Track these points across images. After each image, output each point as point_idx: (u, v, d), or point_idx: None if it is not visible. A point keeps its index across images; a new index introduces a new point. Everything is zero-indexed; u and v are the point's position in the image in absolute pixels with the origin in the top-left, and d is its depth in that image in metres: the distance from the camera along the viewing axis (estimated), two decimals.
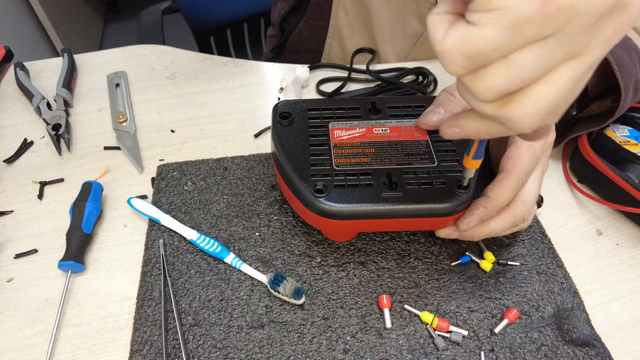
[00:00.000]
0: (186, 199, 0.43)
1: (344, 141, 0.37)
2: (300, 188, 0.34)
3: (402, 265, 0.38)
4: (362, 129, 0.38)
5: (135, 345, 0.34)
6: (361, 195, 0.33)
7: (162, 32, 0.90)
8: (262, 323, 0.35)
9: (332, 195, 0.33)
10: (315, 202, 0.33)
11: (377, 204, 0.33)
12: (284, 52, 0.75)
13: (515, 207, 0.35)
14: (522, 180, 0.33)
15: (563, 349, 0.34)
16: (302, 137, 0.37)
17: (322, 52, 0.67)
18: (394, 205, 0.33)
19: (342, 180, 0.34)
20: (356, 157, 0.36)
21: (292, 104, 0.40)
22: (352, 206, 0.33)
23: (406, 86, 0.53)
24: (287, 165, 0.35)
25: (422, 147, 0.36)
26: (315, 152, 0.36)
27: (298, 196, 0.35)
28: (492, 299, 0.36)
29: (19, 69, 0.56)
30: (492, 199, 0.33)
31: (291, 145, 0.37)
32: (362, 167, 0.35)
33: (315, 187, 0.34)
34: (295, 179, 0.35)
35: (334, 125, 0.38)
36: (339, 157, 0.36)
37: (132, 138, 0.49)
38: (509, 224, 0.35)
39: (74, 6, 1.84)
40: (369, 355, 0.33)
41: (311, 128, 0.38)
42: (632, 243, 0.41)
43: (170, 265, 0.38)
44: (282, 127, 0.38)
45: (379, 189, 0.34)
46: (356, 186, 0.34)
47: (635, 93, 0.39)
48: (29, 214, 0.43)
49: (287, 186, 0.36)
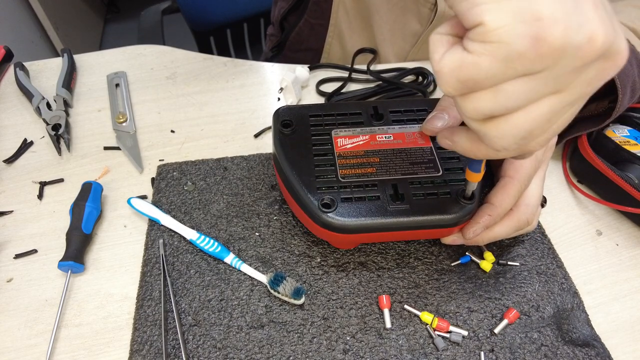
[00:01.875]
0: (186, 199, 0.43)
1: (348, 150, 0.37)
2: (306, 201, 0.34)
3: (402, 265, 0.38)
4: (365, 137, 0.38)
5: (135, 345, 0.34)
6: (368, 208, 0.33)
7: (162, 32, 0.90)
8: (262, 323, 0.35)
9: (340, 209, 0.33)
10: (323, 216, 0.33)
11: (384, 217, 0.33)
12: (284, 51, 0.75)
13: (519, 211, 0.35)
14: (524, 184, 0.34)
15: (563, 349, 0.34)
16: (306, 147, 0.37)
17: (322, 50, 0.67)
18: (401, 218, 0.33)
19: (349, 192, 0.34)
20: (361, 167, 0.36)
21: (293, 110, 0.40)
22: (359, 220, 0.33)
23: (406, 86, 0.53)
24: (292, 176, 0.35)
25: (427, 155, 0.36)
26: (319, 162, 0.36)
27: (304, 208, 0.34)
28: (492, 299, 0.36)
29: (18, 69, 0.56)
30: (495, 205, 0.33)
31: (295, 156, 0.36)
32: (367, 178, 0.35)
33: (323, 201, 0.33)
34: (300, 192, 0.34)
35: (337, 132, 0.38)
36: (344, 167, 0.35)
37: (132, 138, 0.49)
38: (513, 228, 0.35)
39: (74, 6, 1.83)
40: (369, 355, 0.33)
41: (314, 136, 0.38)
42: (632, 243, 0.41)
43: (170, 265, 0.38)
44: (284, 136, 0.38)
45: (385, 201, 0.34)
46: (363, 199, 0.34)
47: (633, 93, 0.39)
48: (29, 214, 0.43)
49: (292, 197, 0.36)
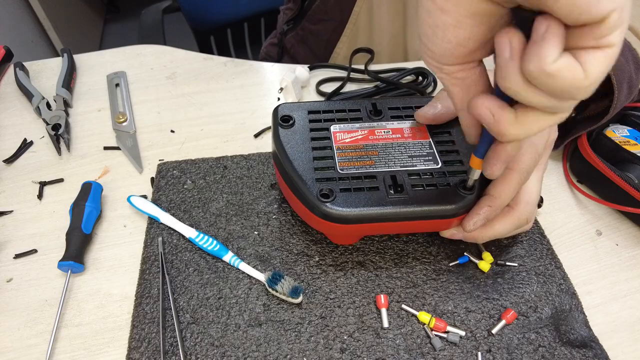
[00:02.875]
0: (186, 198, 0.43)
1: (347, 144, 0.37)
2: (304, 192, 0.34)
3: (400, 265, 0.38)
4: (364, 131, 0.38)
5: (133, 343, 0.34)
6: (367, 198, 0.33)
7: (162, 32, 0.90)
8: (260, 321, 0.35)
9: (338, 199, 0.33)
10: (321, 206, 0.33)
11: (383, 207, 0.33)
12: (302, 23, 0.71)
13: (518, 209, 0.35)
14: (524, 177, 0.33)
15: (560, 350, 0.34)
16: (304, 141, 0.37)
17: (347, 22, 0.64)
18: (400, 208, 0.33)
19: (347, 183, 0.34)
20: (360, 160, 0.36)
21: (292, 107, 0.40)
22: (358, 210, 0.33)
23: (405, 86, 0.53)
24: (291, 169, 0.35)
25: (425, 149, 0.36)
26: (318, 155, 0.36)
27: (302, 200, 0.34)
28: (489, 299, 0.36)
29: (18, 69, 0.56)
30: (495, 197, 0.33)
31: (293, 149, 0.36)
32: (366, 170, 0.35)
33: (321, 191, 0.33)
34: (299, 183, 0.34)
35: (336, 128, 0.38)
36: (342, 160, 0.36)
37: (132, 138, 0.49)
38: (513, 226, 0.35)
39: (74, 6, 1.84)
40: (366, 354, 0.33)
41: (313, 131, 0.38)
42: (632, 243, 0.41)
43: (169, 263, 0.39)
44: (283, 130, 0.38)
45: (384, 191, 0.34)
46: (362, 190, 0.34)
47: (630, 91, 0.39)
48: (29, 214, 0.43)
49: (291, 190, 0.36)
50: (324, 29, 0.69)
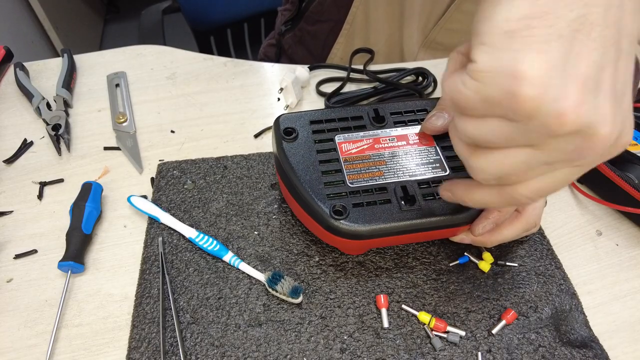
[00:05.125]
0: (186, 198, 0.43)
1: (354, 155, 0.36)
2: (316, 210, 0.33)
3: (400, 265, 0.38)
4: (369, 140, 0.37)
5: (133, 342, 0.34)
6: (380, 213, 0.33)
7: (162, 32, 0.90)
8: (260, 321, 0.35)
9: (352, 216, 0.33)
10: (335, 224, 0.33)
11: (397, 221, 0.33)
12: (299, 24, 0.71)
13: (526, 213, 0.35)
14: None
15: (560, 351, 0.34)
16: (310, 154, 0.36)
17: (344, 23, 0.64)
18: (413, 221, 0.33)
19: (359, 198, 0.34)
20: (368, 171, 0.35)
21: (293, 118, 0.39)
22: (372, 225, 0.32)
23: (404, 87, 0.53)
24: (300, 187, 0.34)
25: (432, 155, 0.36)
26: (326, 170, 0.35)
27: (315, 217, 0.34)
28: (490, 299, 0.36)
29: (18, 69, 0.56)
30: None
31: (300, 164, 0.36)
32: (376, 181, 0.35)
33: (334, 208, 0.33)
34: (310, 201, 0.34)
35: (340, 138, 0.38)
36: (351, 172, 0.35)
37: (132, 138, 0.49)
38: (521, 230, 0.35)
39: (74, 6, 1.84)
40: (366, 354, 0.33)
41: (318, 143, 0.37)
42: (632, 243, 0.41)
43: (169, 263, 0.39)
44: (287, 144, 0.37)
45: (396, 204, 0.33)
46: (374, 204, 0.33)
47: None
48: (29, 214, 0.43)
49: (301, 207, 0.35)
50: (321, 29, 0.69)
